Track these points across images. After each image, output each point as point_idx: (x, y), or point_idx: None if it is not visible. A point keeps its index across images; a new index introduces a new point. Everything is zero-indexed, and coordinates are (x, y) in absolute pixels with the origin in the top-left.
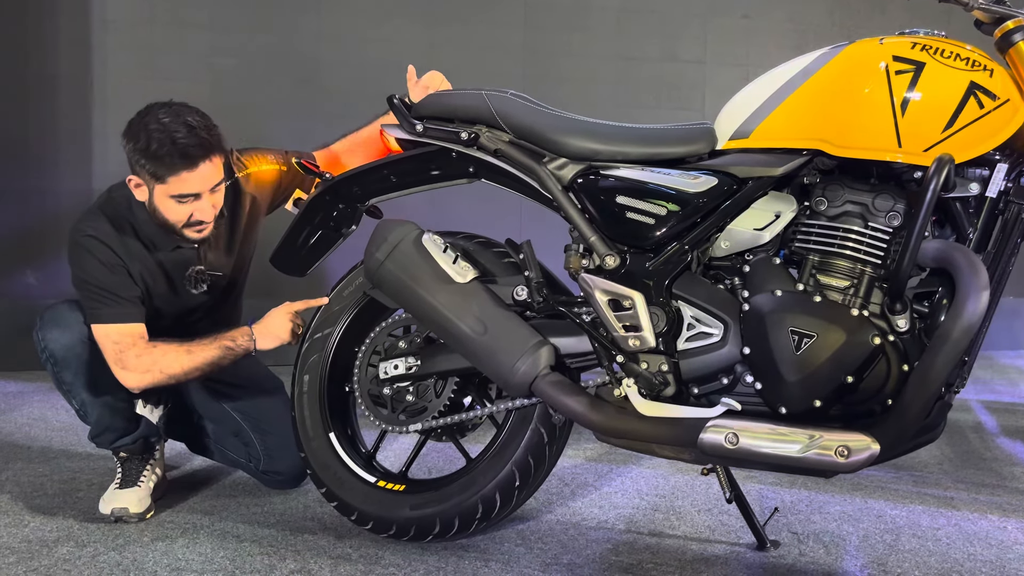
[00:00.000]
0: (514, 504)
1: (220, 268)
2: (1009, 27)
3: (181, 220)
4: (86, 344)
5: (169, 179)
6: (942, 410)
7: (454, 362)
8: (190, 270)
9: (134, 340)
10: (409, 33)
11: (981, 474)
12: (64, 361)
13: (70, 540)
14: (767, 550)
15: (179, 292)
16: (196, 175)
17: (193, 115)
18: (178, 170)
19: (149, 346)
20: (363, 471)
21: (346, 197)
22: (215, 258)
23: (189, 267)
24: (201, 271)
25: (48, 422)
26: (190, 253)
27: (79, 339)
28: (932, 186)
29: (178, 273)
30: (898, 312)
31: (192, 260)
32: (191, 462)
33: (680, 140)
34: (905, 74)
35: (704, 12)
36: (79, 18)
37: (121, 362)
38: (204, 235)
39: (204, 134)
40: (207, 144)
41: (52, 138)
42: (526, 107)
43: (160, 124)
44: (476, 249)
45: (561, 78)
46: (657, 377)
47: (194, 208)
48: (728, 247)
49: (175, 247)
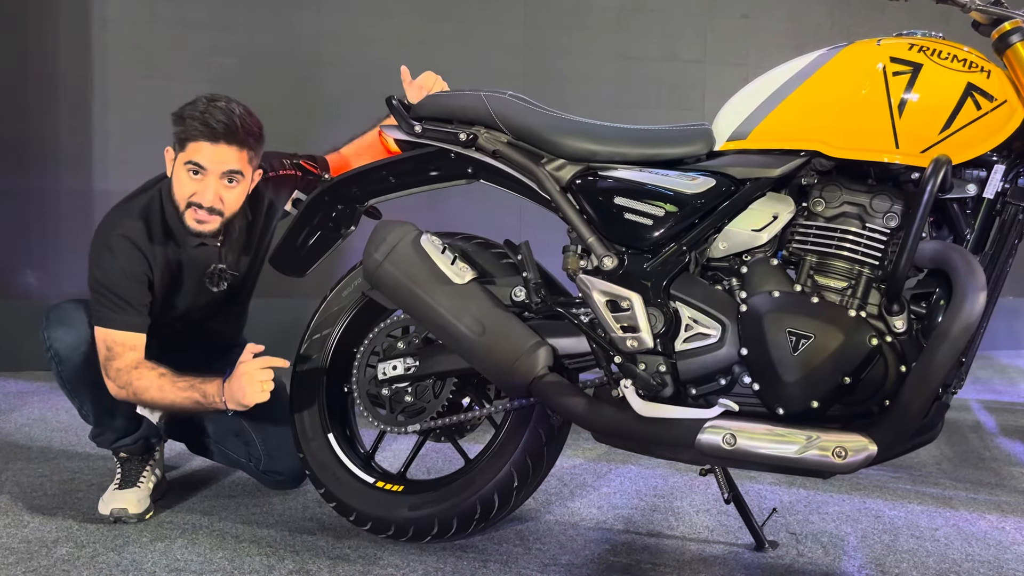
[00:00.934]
0: (512, 505)
1: (238, 268)
2: (1007, 28)
3: (185, 196)
4: (91, 344)
5: (188, 145)
6: (940, 411)
7: (453, 363)
8: (212, 267)
9: (125, 353)
10: (409, 32)
11: (980, 474)
12: (68, 360)
13: (69, 540)
14: (765, 550)
15: (198, 289)
16: (213, 150)
17: (241, 108)
18: (198, 137)
19: (131, 367)
20: (362, 472)
21: (345, 198)
22: (234, 259)
23: (211, 264)
24: (223, 270)
25: (48, 422)
26: (212, 252)
27: (84, 339)
28: (929, 187)
29: (199, 270)
30: (896, 313)
31: (214, 258)
32: (190, 463)
33: (678, 141)
34: (903, 75)
35: (704, 11)
36: (79, 17)
37: (106, 369)
38: (204, 229)
39: (238, 122)
40: (236, 131)
41: (52, 137)
42: (524, 108)
43: (206, 101)
44: (474, 250)
45: (561, 77)
46: (655, 378)
47: (199, 187)
48: (726, 248)
49: (199, 243)
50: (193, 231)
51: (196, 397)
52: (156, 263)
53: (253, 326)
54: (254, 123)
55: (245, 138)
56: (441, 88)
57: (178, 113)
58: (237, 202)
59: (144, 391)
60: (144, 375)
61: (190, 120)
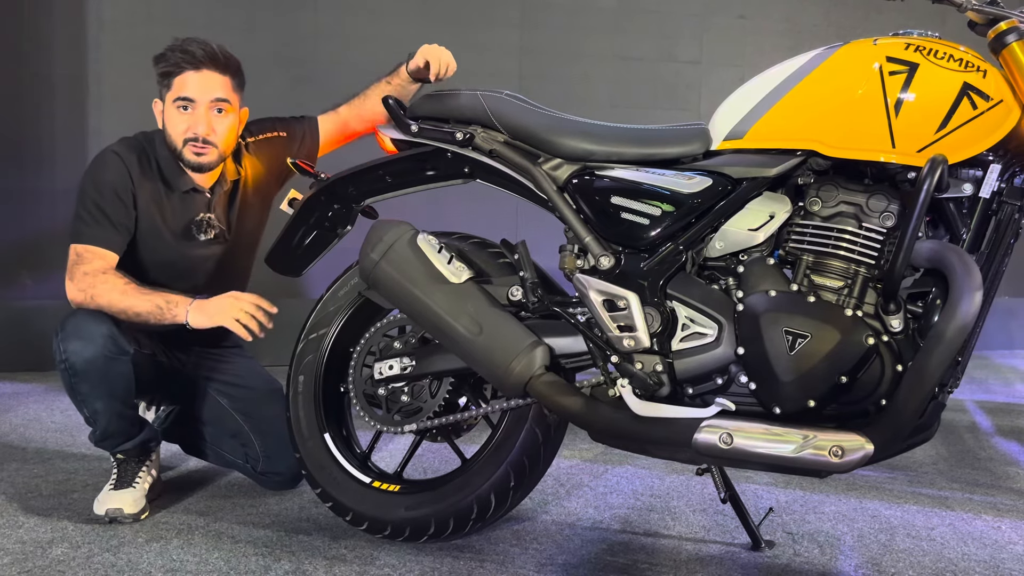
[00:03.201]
0: (509, 504)
1: (226, 223)
2: (1002, 28)
3: (180, 134)
4: (107, 359)
5: (174, 80)
6: (936, 410)
7: (449, 362)
8: (201, 215)
9: (93, 260)
10: (406, 33)
11: (976, 474)
12: (83, 373)
13: (65, 541)
14: (762, 550)
15: (184, 236)
16: (199, 78)
17: (217, 44)
18: (183, 67)
19: (99, 271)
20: (358, 472)
21: (341, 197)
22: (222, 211)
23: (199, 213)
24: (210, 218)
25: (43, 423)
26: (201, 200)
27: (101, 353)
28: (925, 187)
29: (186, 216)
30: (892, 312)
31: (202, 207)
32: (186, 463)
33: (675, 141)
34: (899, 75)
35: (701, 12)
36: (75, 18)
37: (71, 273)
38: (203, 160)
39: (217, 49)
40: (216, 57)
41: (48, 138)
42: (521, 107)
43: (182, 39)
44: (471, 249)
45: (558, 78)
46: (652, 377)
47: (191, 120)
48: (723, 247)
49: (189, 189)
50: (192, 163)
51: (158, 301)
52: (142, 191)
53: None
54: (231, 55)
55: (227, 64)
56: (451, 60)
57: (159, 54)
58: (229, 133)
59: (104, 294)
60: (109, 279)
61: (171, 53)
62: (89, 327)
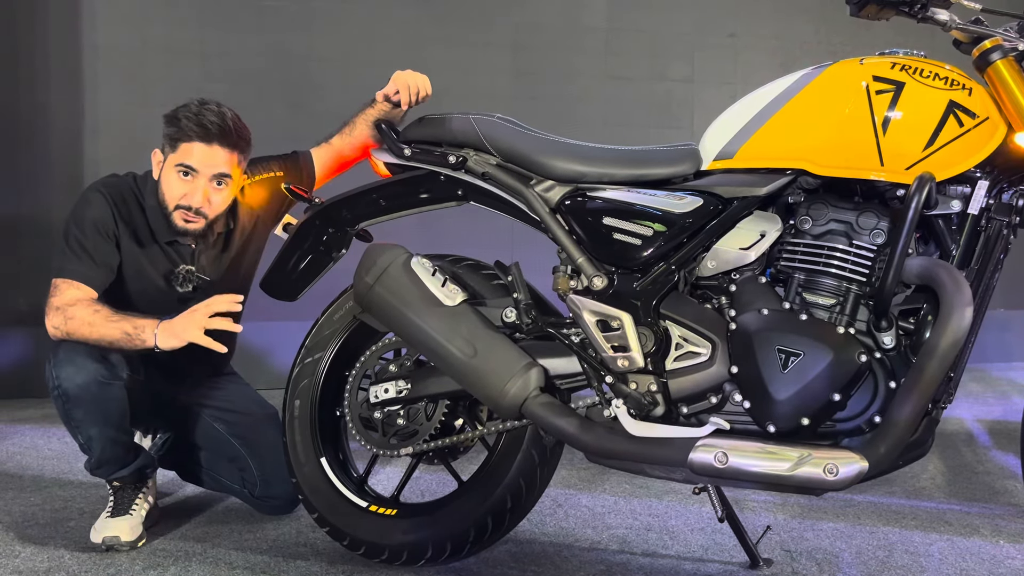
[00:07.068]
0: (506, 527)
1: (211, 274)
2: (987, 47)
3: (175, 198)
4: (100, 384)
5: (180, 146)
6: (930, 426)
7: (444, 385)
8: (180, 267)
9: (67, 292)
10: (400, 55)
11: (973, 488)
12: (76, 399)
13: (61, 570)
14: (760, 568)
15: (161, 286)
16: (205, 151)
17: (231, 112)
18: (192, 138)
19: (68, 304)
20: (355, 496)
21: (336, 221)
22: (207, 262)
23: (181, 263)
24: (190, 271)
25: (40, 451)
26: (185, 251)
27: (94, 379)
28: (914, 204)
29: (165, 267)
30: (884, 329)
31: (186, 258)
32: (183, 489)
33: (665, 161)
34: (885, 94)
35: (692, 31)
36: (69, 45)
37: (49, 306)
38: (191, 228)
39: (231, 125)
40: (229, 134)
41: (44, 165)
42: (513, 130)
43: (199, 104)
44: (465, 272)
45: (550, 98)
46: (646, 397)
47: (189, 188)
48: (714, 267)
49: (172, 240)
50: (180, 229)
51: (126, 328)
52: (125, 232)
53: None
54: (244, 127)
55: (237, 141)
56: (424, 85)
57: (171, 114)
58: (223, 205)
59: (76, 329)
60: (79, 311)
61: (185, 120)
62: (82, 353)
